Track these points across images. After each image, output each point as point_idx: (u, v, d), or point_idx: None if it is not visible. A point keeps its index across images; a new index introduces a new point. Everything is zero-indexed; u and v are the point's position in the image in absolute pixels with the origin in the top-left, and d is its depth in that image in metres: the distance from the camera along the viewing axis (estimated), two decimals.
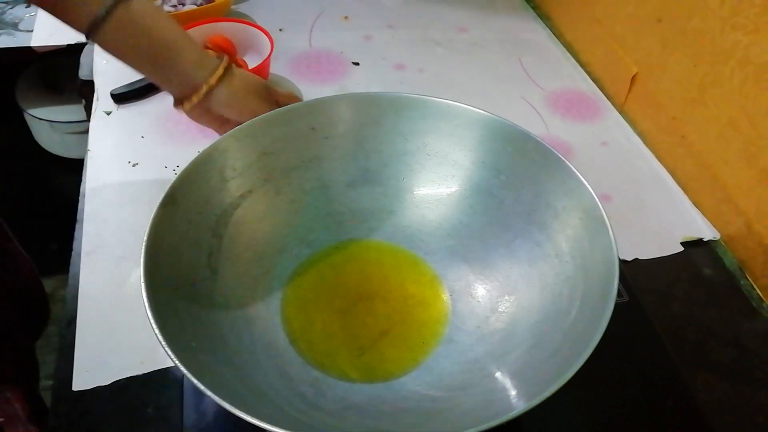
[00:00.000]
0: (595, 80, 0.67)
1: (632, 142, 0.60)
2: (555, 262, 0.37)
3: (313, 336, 0.39)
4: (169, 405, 0.37)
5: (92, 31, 0.37)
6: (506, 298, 0.39)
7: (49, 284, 0.70)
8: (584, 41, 0.70)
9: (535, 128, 0.59)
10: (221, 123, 0.45)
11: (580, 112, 0.63)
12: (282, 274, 0.41)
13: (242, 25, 0.62)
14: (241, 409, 0.26)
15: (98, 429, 0.36)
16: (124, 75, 0.59)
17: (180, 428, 0.36)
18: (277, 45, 0.62)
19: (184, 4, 0.68)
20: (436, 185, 0.44)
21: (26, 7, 0.74)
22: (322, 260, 0.43)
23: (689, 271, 0.49)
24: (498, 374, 0.35)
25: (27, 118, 1.01)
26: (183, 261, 0.35)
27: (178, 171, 0.37)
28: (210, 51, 0.57)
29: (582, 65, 0.69)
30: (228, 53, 0.58)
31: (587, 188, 0.36)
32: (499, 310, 0.39)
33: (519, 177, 0.41)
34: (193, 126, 0.57)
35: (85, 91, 0.61)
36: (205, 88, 0.41)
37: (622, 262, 0.48)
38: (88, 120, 0.57)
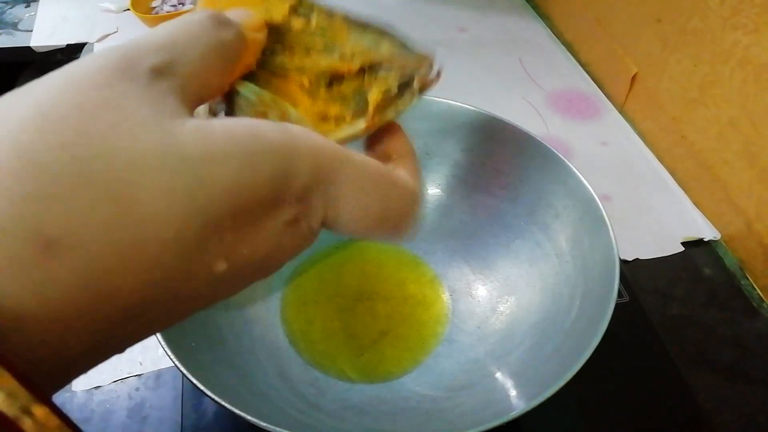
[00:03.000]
0: (595, 80, 0.67)
1: (632, 142, 0.60)
2: (555, 262, 0.37)
3: (313, 336, 0.39)
4: (169, 405, 0.37)
5: None
6: (506, 298, 0.39)
7: None
8: (584, 41, 0.70)
9: (535, 128, 0.59)
10: None
11: (580, 112, 0.63)
12: (282, 274, 0.41)
13: None
14: (240, 409, 0.26)
15: (98, 429, 0.36)
16: None
17: (179, 428, 0.36)
18: None
19: (183, 4, 0.68)
20: (436, 185, 0.44)
21: (26, 7, 0.74)
22: (322, 260, 0.43)
23: (690, 271, 0.49)
24: (498, 374, 0.34)
25: None
26: None
27: None
28: None
29: (582, 65, 0.69)
30: None
31: (587, 188, 0.36)
32: (500, 310, 0.39)
33: (519, 177, 0.40)
34: None
35: None
36: None
37: (623, 262, 0.48)
38: None
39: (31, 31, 0.70)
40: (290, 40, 0.20)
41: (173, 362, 0.27)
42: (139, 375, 0.39)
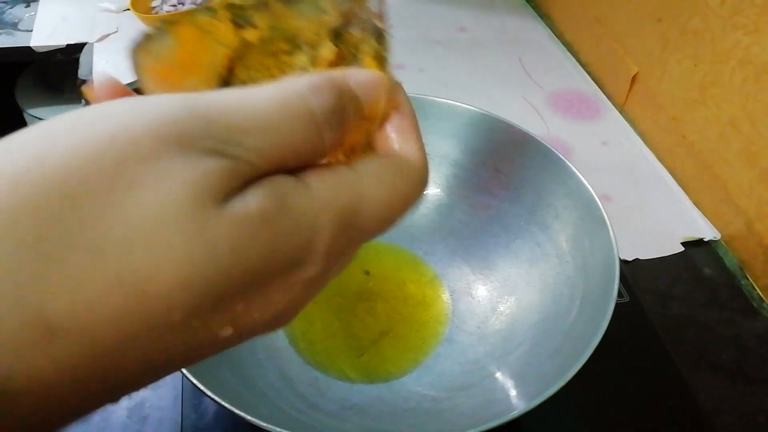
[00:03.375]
0: (595, 80, 0.67)
1: (632, 141, 0.60)
2: (555, 262, 0.37)
3: (313, 336, 0.39)
4: (169, 405, 0.37)
5: None
6: (506, 298, 0.39)
7: None
8: (584, 41, 0.70)
9: (536, 128, 0.59)
10: None
11: (580, 112, 0.63)
12: None
13: None
14: (240, 409, 0.26)
15: (98, 429, 0.36)
16: (124, 75, 0.59)
17: (179, 428, 0.36)
18: None
19: (183, 4, 0.68)
20: (436, 185, 0.44)
21: (26, 7, 0.74)
22: None
23: (690, 271, 0.49)
24: (498, 374, 0.35)
25: (27, 118, 1.01)
26: None
27: None
28: None
29: (582, 65, 0.69)
30: None
31: (587, 188, 0.36)
32: (500, 310, 0.39)
33: (519, 177, 0.41)
34: None
35: None
36: None
37: (623, 262, 0.48)
38: None
39: (31, 31, 0.70)
40: (255, 56, 0.18)
41: None
42: None
